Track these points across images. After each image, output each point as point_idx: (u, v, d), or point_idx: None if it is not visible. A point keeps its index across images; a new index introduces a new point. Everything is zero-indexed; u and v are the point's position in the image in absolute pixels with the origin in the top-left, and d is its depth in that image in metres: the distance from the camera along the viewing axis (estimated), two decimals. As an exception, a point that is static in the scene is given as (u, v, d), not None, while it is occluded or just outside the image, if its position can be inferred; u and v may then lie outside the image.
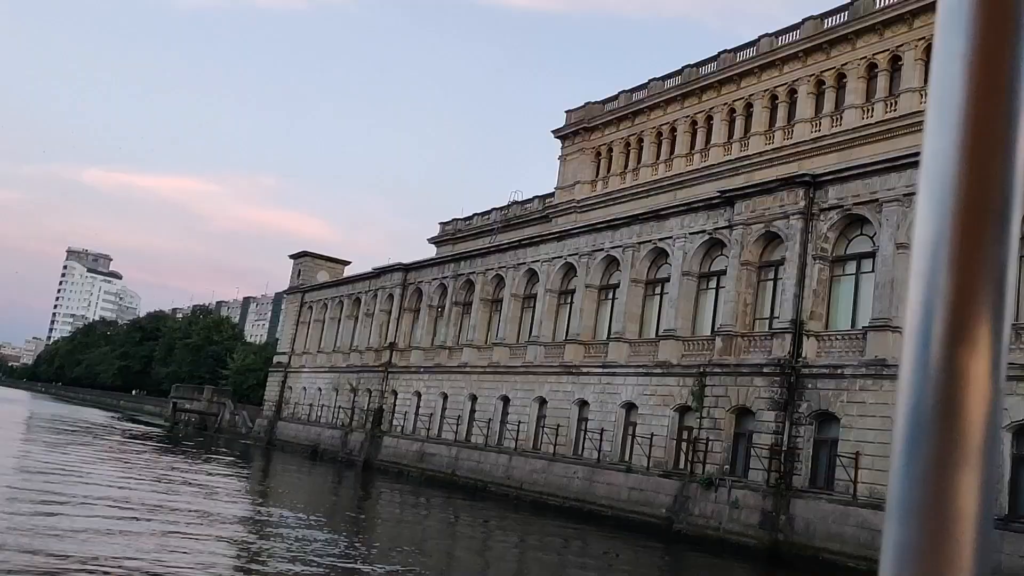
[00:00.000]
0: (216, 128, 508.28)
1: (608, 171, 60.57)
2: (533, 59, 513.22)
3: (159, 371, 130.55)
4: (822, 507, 27.52)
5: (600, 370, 38.36)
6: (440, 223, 79.26)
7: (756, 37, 50.64)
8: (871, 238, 29.85)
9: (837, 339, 29.54)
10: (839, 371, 28.56)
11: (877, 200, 29.13)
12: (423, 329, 54.38)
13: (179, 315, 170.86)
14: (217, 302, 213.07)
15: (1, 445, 42.75)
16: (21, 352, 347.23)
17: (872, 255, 29.55)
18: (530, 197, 68.40)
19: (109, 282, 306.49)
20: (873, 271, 29.26)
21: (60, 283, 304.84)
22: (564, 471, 38.29)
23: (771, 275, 33.11)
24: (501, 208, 71.12)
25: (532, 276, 46.12)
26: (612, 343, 38.33)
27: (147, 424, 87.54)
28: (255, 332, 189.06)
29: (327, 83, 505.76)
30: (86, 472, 33.54)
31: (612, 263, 40.87)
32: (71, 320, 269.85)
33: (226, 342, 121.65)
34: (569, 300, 43.38)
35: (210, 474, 41.13)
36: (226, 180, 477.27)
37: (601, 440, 37.03)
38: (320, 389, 65.56)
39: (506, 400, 44.48)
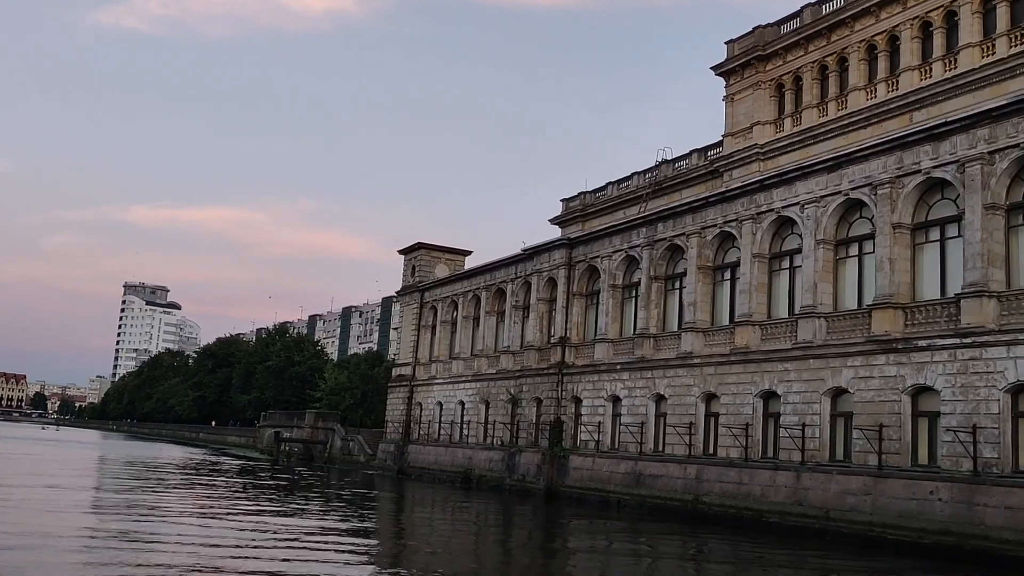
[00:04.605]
0: (253, 156, 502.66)
1: (797, 105, 48.46)
2: (557, 59, 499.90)
3: (238, 399, 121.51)
4: None
5: (952, 341, 26.31)
6: (562, 200, 68.00)
7: None
8: None
9: None
10: None
11: None
12: (608, 316, 42.67)
13: (243, 339, 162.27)
14: (281, 323, 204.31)
15: (77, 507, 31.95)
16: (87, 392, 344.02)
17: None
18: (686, 152, 56.65)
19: (168, 313, 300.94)
20: None
21: (120, 318, 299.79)
22: (906, 491, 26.33)
23: None
24: (646, 171, 59.38)
25: (783, 226, 34.27)
26: (966, 301, 26.24)
27: (241, 457, 77.18)
28: (326, 350, 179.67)
29: (361, 100, 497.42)
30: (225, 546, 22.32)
31: (933, 188, 28.84)
32: (134, 355, 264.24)
33: (309, 362, 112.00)
34: (855, 250, 31.46)
35: (367, 522, 29.90)
36: (268, 207, 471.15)
37: (976, 442, 25.01)
38: (462, 403, 54.23)
39: (768, 396, 32.66)
